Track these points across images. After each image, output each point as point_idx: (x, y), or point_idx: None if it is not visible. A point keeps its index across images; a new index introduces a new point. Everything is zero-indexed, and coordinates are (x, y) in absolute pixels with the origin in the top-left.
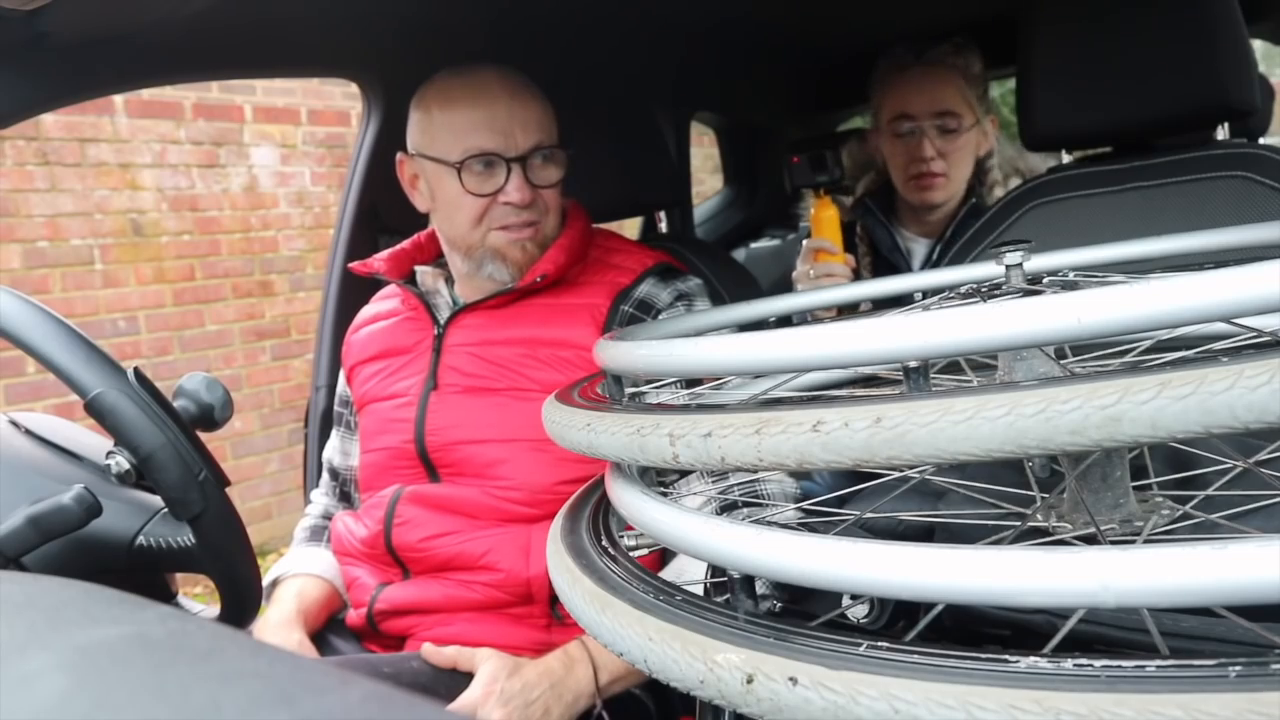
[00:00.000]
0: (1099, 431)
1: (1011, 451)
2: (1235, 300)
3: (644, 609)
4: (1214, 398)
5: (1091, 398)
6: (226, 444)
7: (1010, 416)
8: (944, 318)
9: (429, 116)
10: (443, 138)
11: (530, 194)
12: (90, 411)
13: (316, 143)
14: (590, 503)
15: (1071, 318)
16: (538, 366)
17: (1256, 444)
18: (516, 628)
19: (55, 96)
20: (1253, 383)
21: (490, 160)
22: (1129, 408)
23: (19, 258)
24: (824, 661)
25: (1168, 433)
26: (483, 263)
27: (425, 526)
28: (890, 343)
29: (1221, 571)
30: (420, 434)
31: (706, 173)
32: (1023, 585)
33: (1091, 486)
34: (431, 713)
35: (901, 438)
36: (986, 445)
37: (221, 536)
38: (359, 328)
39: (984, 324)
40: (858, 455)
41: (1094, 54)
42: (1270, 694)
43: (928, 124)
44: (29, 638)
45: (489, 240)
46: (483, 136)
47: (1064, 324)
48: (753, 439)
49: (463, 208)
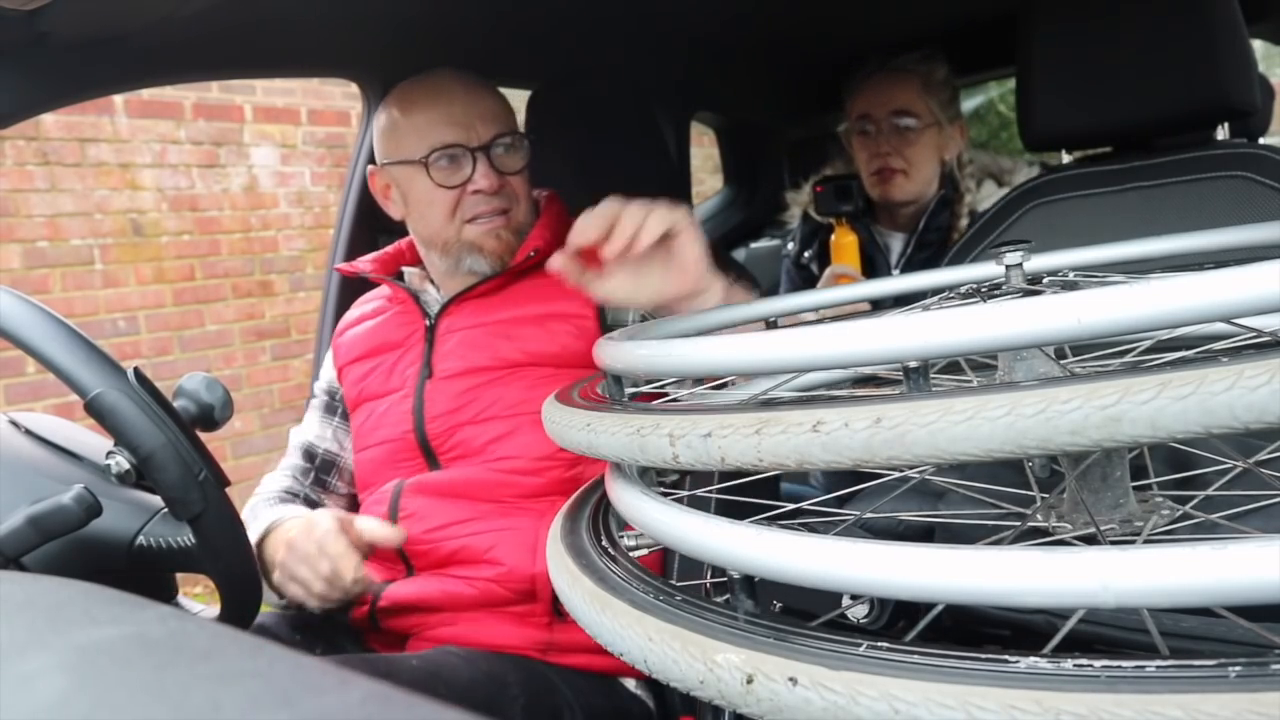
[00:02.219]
0: (1099, 432)
1: (1012, 451)
2: (1235, 300)
3: (644, 609)
4: (1214, 398)
5: (1091, 398)
6: (226, 444)
7: (1010, 417)
8: (944, 318)
9: (392, 123)
10: (408, 139)
11: (498, 180)
12: (90, 411)
13: (316, 143)
14: (590, 503)
15: (1071, 318)
16: (533, 339)
17: (1256, 444)
18: (519, 627)
19: (55, 96)
20: (1253, 383)
21: (454, 153)
22: (1129, 408)
23: (19, 258)
24: (824, 662)
25: (1167, 433)
26: (460, 258)
27: (431, 517)
28: (890, 342)
29: (1221, 572)
30: (420, 423)
31: (706, 173)
32: (1023, 585)
33: (1091, 486)
34: (431, 713)
35: (902, 438)
36: (986, 445)
37: (221, 536)
38: (344, 330)
39: (984, 324)
40: (858, 455)
41: (1094, 54)
42: (1270, 694)
43: (885, 122)
44: (29, 638)
45: (464, 234)
46: (444, 131)
47: (1064, 324)
48: (753, 439)
49: (435, 203)
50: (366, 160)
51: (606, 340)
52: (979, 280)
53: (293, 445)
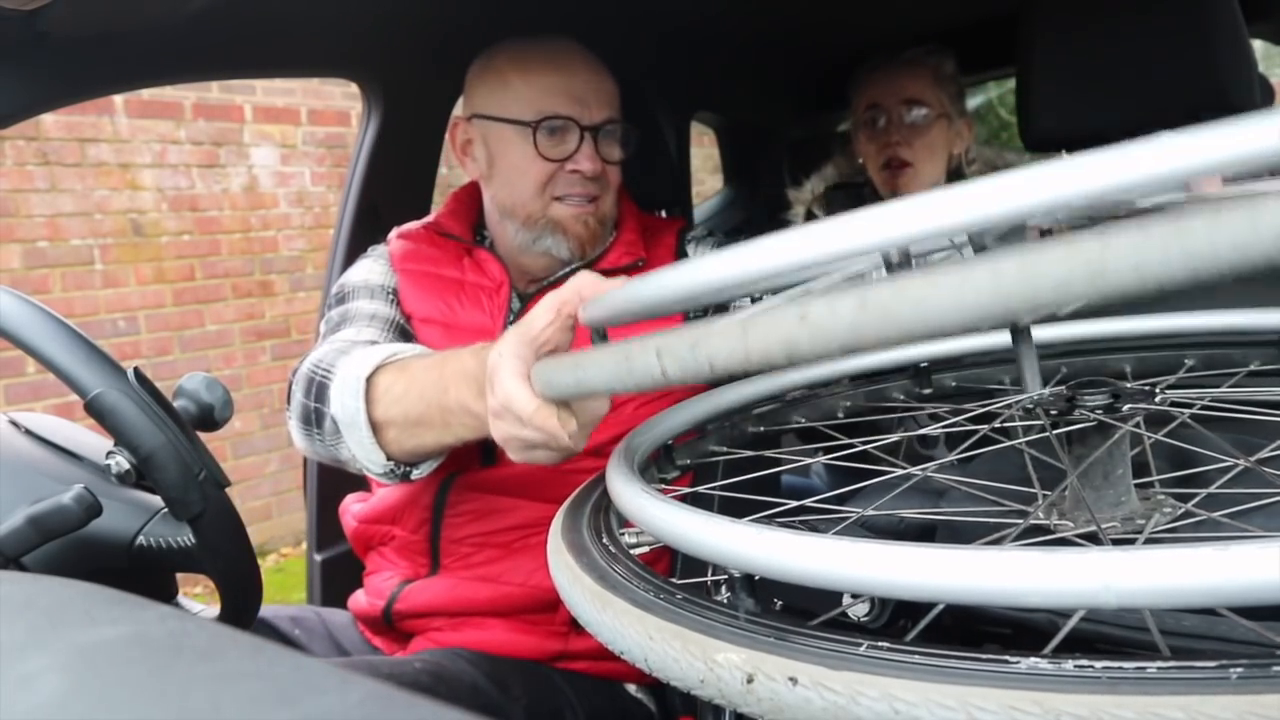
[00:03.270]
0: (1085, 285)
1: (1000, 316)
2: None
3: (644, 607)
4: (1193, 237)
5: (1075, 253)
6: (226, 444)
7: (995, 280)
8: (921, 202)
9: (501, 78)
10: (517, 99)
11: (599, 165)
12: (90, 411)
13: (316, 143)
14: (591, 500)
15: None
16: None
17: (1258, 442)
18: (530, 635)
19: (55, 96)
20: (1231, 220)
21: (565, 125)
22: (1112, 259)
23: (19, 258)
24: (824, 661)
25: (1155, 281)
26: (541, 235)
27: (479, 521)
28: (874, 233)
29: (1224, 573)
30: None
31: (706, 173)
32: (1024, 585)
33: (1093, 484)
34: (431, 713)
35: (887, 315)
36: (975, 313)
37: (221, 536)
38: (406, 263)
39: (965, 205)
40: (845, 340)
41: (1094, 53)
42: (1272, 696)
43: (895, 110)
44: (29, 638)
45: (551, 211)
46: (560, 101)
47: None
48: (739, 341)
49: (529, 173)
50: (367, 160)
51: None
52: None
53: (345, 315)
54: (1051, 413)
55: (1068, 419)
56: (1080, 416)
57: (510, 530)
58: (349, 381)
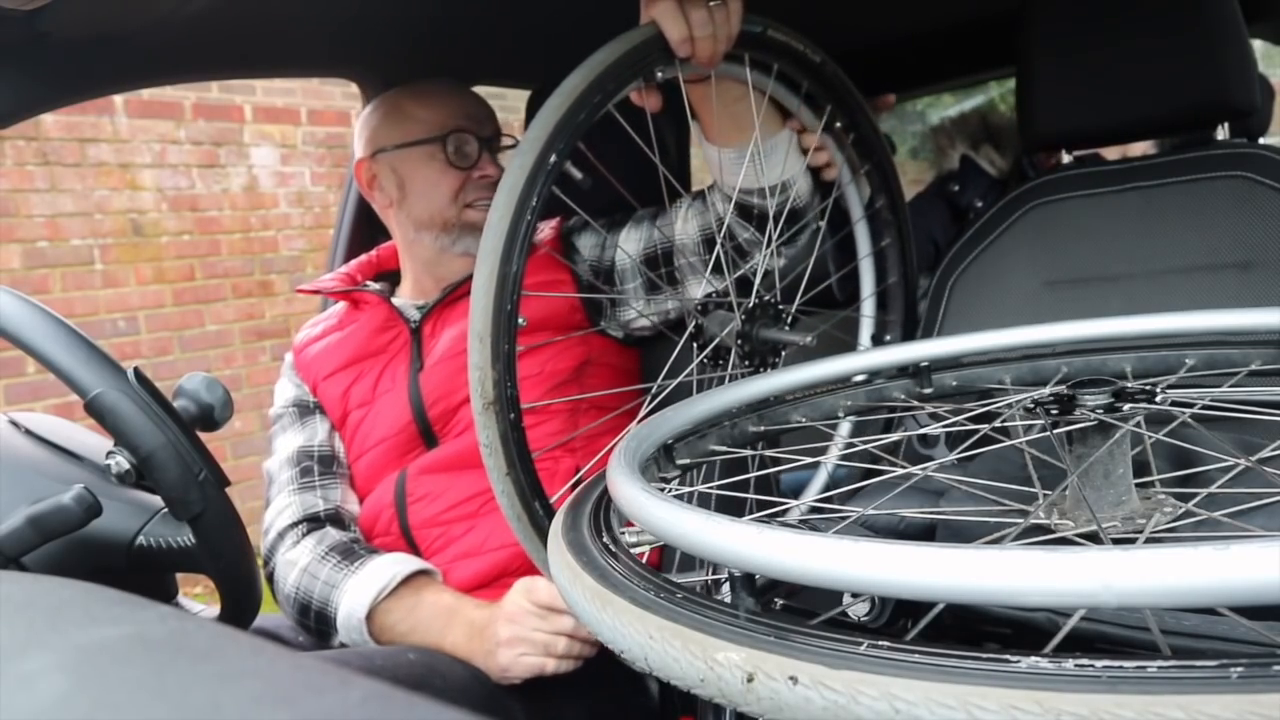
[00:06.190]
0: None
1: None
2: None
3: (645, 606)
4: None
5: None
6: (226, 444)
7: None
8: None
9: (400, 111)
10: (420, 124)
11: (498, 171)
12: (90, 411)
13: (316, 143)
14: (591, 499)
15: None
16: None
17: (1259, 442)
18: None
19: (55, 96)
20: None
21: (467, 140)
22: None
23: (19, 258)
24: (824, 660)
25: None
26: (460, 237)
27: (441, 497)
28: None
29: (1224, 572)
30: (419, 411)
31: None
32: (1024, 585)
33: (1094, 484)
34: (431, 712)
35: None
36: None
37: (221, 536)
38: (305, 347)
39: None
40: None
41: (1094, 54)
42: (1272, 695)
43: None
44: (29, 638)
45: (465, 216)
46: (459, 119)
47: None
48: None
49: (441, 184)
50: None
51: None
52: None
53: (279, 463)
54: (1052, 412)
55: (1068, 419)
56: (1081, 416)
57: (470, 499)
58: (353, 623)
